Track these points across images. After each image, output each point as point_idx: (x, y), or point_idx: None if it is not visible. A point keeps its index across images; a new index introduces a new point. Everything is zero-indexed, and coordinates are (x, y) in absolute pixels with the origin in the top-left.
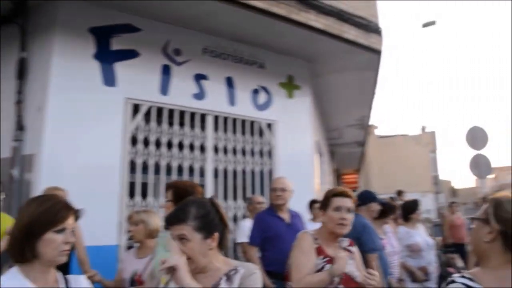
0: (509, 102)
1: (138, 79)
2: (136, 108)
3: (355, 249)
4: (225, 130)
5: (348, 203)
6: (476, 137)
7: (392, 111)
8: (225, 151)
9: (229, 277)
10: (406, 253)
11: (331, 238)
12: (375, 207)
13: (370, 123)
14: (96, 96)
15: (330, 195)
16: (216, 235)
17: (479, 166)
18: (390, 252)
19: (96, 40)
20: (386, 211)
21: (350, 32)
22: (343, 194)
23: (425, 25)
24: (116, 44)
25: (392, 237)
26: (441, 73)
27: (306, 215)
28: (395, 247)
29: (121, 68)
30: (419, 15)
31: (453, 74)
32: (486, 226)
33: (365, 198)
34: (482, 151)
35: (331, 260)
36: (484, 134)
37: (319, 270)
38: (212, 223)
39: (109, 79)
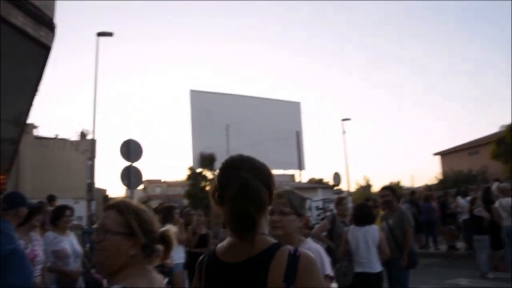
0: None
1: None
2: None
3: None
4: None
5: None
6: (130, 150)
7: (57, 113)
8: None
9: None
10: (52, 259)
11: None
12: (24, 211)
13: (29, 121)
14: None
15: None
16: None
17: (130, 177)
18: (37, 260)
19: None
20: (32, 213)
21: (18, 18)
22: None
23: (100, 34)
24: None
25: (37, 245)
26: (113, 83)
27: None
28: (40, 255)
29: None
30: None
31: (126, 87)
32: (130, 239)
33: (14, 202)
34: (135, 164)
35: None
36: (139, 147)
37: None
38: None
39: None
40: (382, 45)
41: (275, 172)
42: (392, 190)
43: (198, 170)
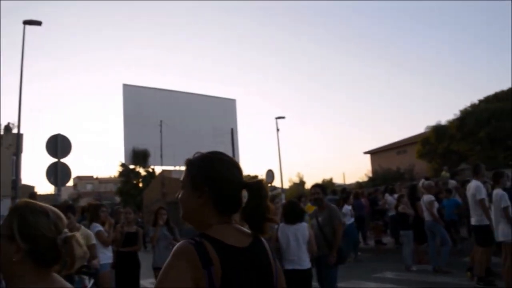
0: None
1: None
2: None
3: None
4: None
5: None
6: (58, 146)
7: None
8: None
9: None
10: None
11: None
12: None
13: None
14: None
15: None
16: None
17: (57, 174)
18: None
19: None
20: None
21: None
22: None
23: (27, 22)
24: None
25: None
26: (41, 75)
27: None
28: None
29: None
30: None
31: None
32: (13, 243)
33: None
34: (63, 160)
35: None
36: (67, 143)
37: None
38: None
39: None
40: (315, 44)
41: None
42: (322, 188)
43: (131, 166)
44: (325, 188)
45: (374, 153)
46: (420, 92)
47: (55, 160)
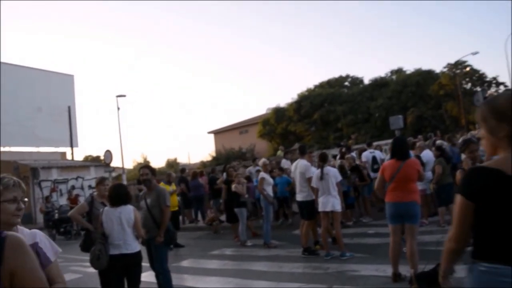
0: None
1: None
2: None
3: None
4: None
5: None
6: None
7: None
8: None
9: None
10: None
11: None
12: None
13: None
14: None
15: None
16: None
17: None
18: None
19: None
20: None
21: None
22: None
23: None
24: None
25: None
26: None
27: None
28: None
29: None
30: None
31: None
32: None
33: None
34: None
35: None
36: None
37: None
38: None
39: None
40: (155, 20)
41: (44, 149)
42: (151, 169)
43: None
44: (154, 169)
45: (218, 133)
46: (262, 75)
47: None
